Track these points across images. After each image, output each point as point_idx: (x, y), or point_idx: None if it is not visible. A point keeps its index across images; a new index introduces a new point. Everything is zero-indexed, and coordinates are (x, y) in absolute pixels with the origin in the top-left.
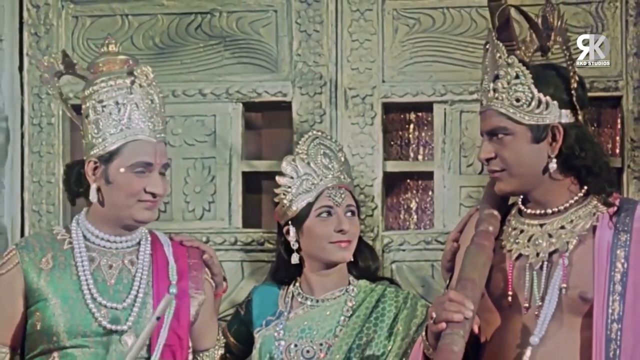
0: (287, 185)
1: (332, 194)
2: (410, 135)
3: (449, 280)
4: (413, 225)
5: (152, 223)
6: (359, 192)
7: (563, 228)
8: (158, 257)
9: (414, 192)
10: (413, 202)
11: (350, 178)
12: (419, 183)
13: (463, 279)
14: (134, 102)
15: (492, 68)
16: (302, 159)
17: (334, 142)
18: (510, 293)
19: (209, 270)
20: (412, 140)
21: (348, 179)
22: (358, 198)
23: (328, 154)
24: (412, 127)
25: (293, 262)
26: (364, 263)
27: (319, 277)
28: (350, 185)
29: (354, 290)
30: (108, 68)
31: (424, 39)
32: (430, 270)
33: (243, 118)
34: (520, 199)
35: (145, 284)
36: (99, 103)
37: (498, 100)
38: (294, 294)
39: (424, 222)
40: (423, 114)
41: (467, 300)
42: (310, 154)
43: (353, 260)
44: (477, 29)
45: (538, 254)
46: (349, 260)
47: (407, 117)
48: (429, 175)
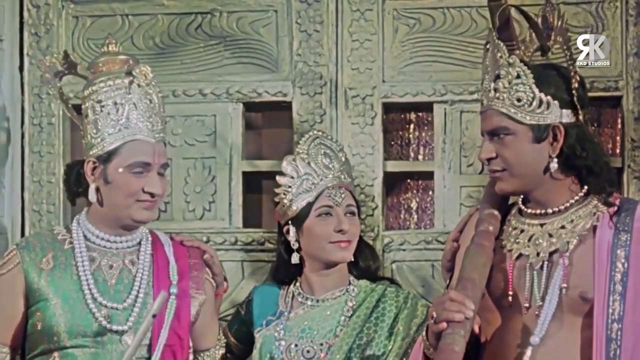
0: (287, 185)
1: (332, 194)
2: (411, 135)
3: (449, 280)
4: (413, 225)
5: (152, 223)
6: (360, 192)
7: (563, 228)
8: (159, 257)
9: (414, 192)
10: (413, 202)
11: (351, 178)
12: (419, 183)
13: (463, 279)
14: (132, 102)
15: (493, 68)
16: (302, 159)
17: (335, 142)
18: (511, 293)
19: (210, 270)
20: (412, 140)
21: (348, 179)
22: (358, 198)
23: (329, 154)
24: (412, 127)
25: (293, 261)
26: (365, 263)
27: (319, 277)
28: (351, 185)
29: (355, 290)
30: (108, 68)
31: (424, 39)
32: (431, 270)
33: (243, 118)
34: (521, 199)
35: (146, 284)
36: (98, 103)
37: (499, 100)
38: (295, 294)
39: (424, 222)
40: (423, 114)
41: (467, 300)
42: (311, 154)
43: (353, 260)
44: (477, 29)
45: (538, 254)
46: (349, 260)
47: (407, 117)
48: (429, 175)
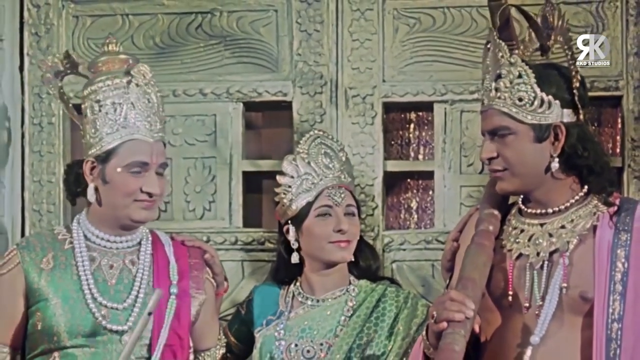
0: (287, 185)
1: (331, 194)
2: (411, 135)
3: (449, 280)
4: (413, 225)
5: (152, 223)
6: (360, 191)
7: (563, 227)
8: (159, 257)
9: (415, 191)
10: (413, 201)
11: (351, 178)
12: (420, 182)
13: (464, 279)
14: (130, 101)
15: (494, 67)
16: (302, 159)
17: (336, 141)
18: (511, 292)
19: (210, 270)
20: (412, 140)
21: (348, 179)
22: (358, 198)
23: (329, 154)
24: (412, 126)
25: (293, 261)
26: (365, 263)
27: (320, 276)
28: (351, 185)
29: (355, 290)
30: (107, 67)
31: (425, 39)
32: (431, 270)
33: (243, 118)
34: (521, 199)
35: (146, 284)
36: (97, 103)
37: (500, 100)
38: (295, 294)
39: (425, 221)
40: (423, 114)
41: (468, 300)
42: (311, 154)
43: (354, 260)
44: (477, 29)
45: (538, 254)
46: (349, 260)
47: (407, 116)
48: (430, 175)
